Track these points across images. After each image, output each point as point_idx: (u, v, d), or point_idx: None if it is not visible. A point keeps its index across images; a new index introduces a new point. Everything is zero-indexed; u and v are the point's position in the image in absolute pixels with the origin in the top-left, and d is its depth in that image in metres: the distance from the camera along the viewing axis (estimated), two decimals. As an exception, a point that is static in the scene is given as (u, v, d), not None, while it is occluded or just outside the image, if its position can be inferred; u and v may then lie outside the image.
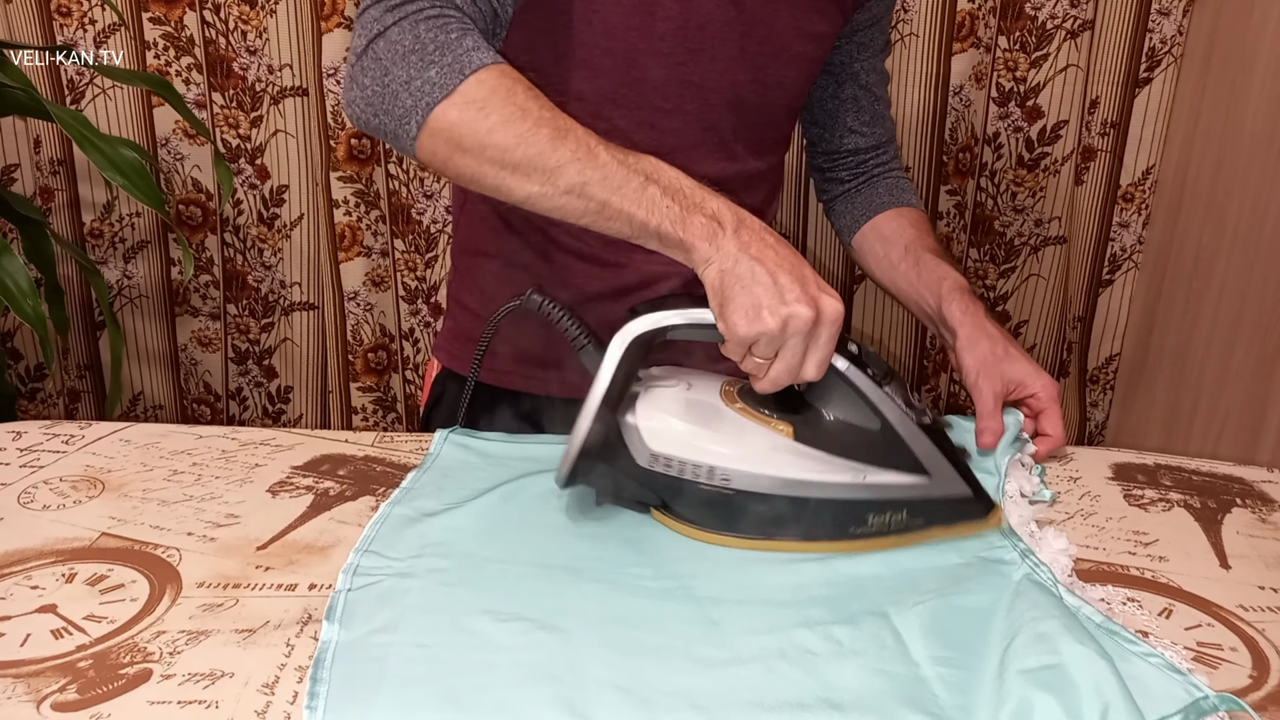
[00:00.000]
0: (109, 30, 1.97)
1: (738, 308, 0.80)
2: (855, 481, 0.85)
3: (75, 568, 0.79)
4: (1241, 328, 1.73)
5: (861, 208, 1.28)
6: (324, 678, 0.65)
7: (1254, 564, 0.85)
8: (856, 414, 0.86)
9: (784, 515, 0.85)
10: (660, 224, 0.83)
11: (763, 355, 0.82)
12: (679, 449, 0.85)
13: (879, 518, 0.85)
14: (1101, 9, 1.90)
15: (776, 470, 0.84)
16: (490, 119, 0.84)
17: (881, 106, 1.28)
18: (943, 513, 0.87)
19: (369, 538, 0.84)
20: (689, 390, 0.90)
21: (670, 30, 1.03)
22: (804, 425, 0.87)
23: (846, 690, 0.66)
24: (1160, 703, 0.65)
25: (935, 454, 0.86)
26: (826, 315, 0.80)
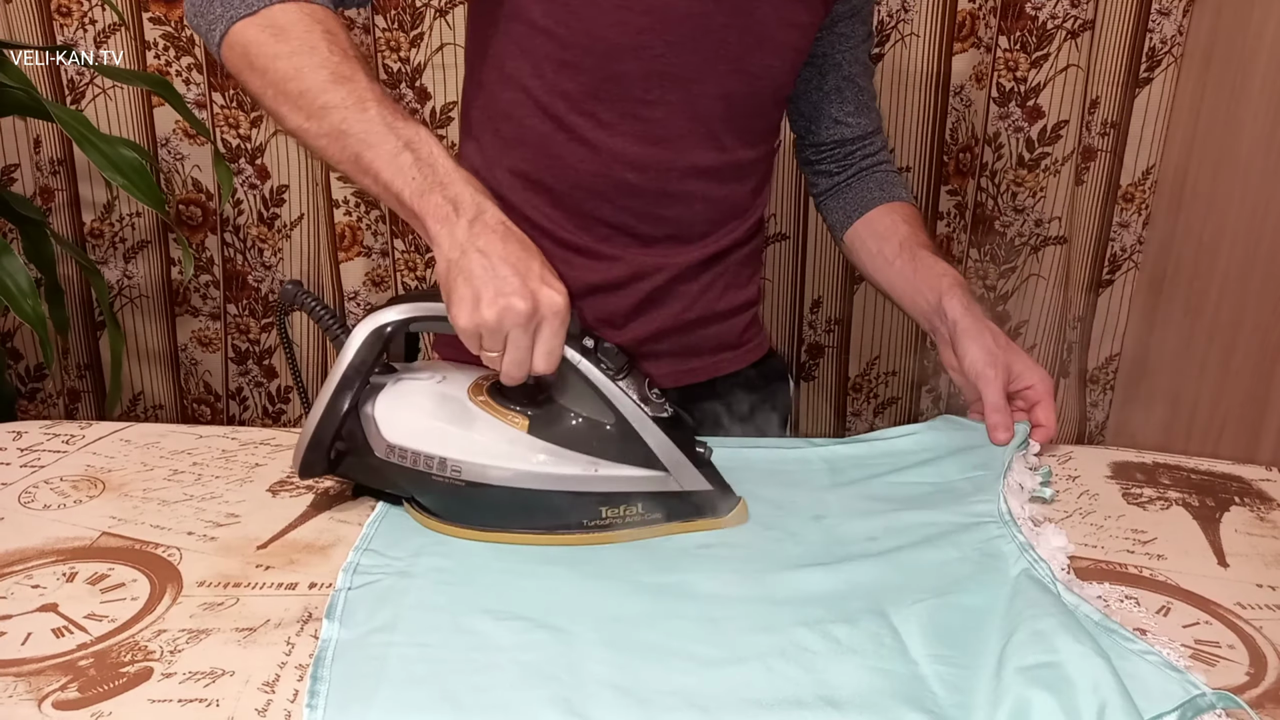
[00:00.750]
0: (109, 30, 1.97)
1: (459, 299, 0.80)
2: (586, 474, 0.85)
3: (76, 567, 0.79)
4: (1241, 328, 1.73)
5: (853, 203, 1.29)
6: (324, 676, 0.65)
7: (1252, 562, 0.85)
8: (592, 408, 0.86)
9: (515, 507, 0.85)
10: (401, 190, 0.84)
11: (490, 348, 0.81)
12: (412, 440, 0.86)
13: (612, 510, 0.86)
14: (1101, 9, 1.90)
15: (505, 462, 0.85)
16: (279, 46, 0.89)
17: (866, 97, 1.29)
18: (682, 507, 0.87)
19: (368, 536, 0.84)
20: (440, 383, 0.91)
21: (647, 25, 1.04)
22: (540, 419, 0.87)
23: (845, 688, 0.66)
24: (1158, 700, 0.65)
25: (671, 448, 0.86)
26: (545, 307, 0.80)
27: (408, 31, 1.91)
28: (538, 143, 1.09)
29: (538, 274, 0.81)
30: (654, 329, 1.17)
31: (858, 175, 1.30)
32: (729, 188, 1.18)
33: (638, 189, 1.11)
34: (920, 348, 2.14)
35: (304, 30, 0.89)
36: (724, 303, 1.22)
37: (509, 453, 0.85)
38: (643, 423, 0.85)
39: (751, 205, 1.23)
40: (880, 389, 2.18)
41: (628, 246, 1.14)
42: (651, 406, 0.86)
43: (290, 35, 0.89)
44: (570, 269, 1.13)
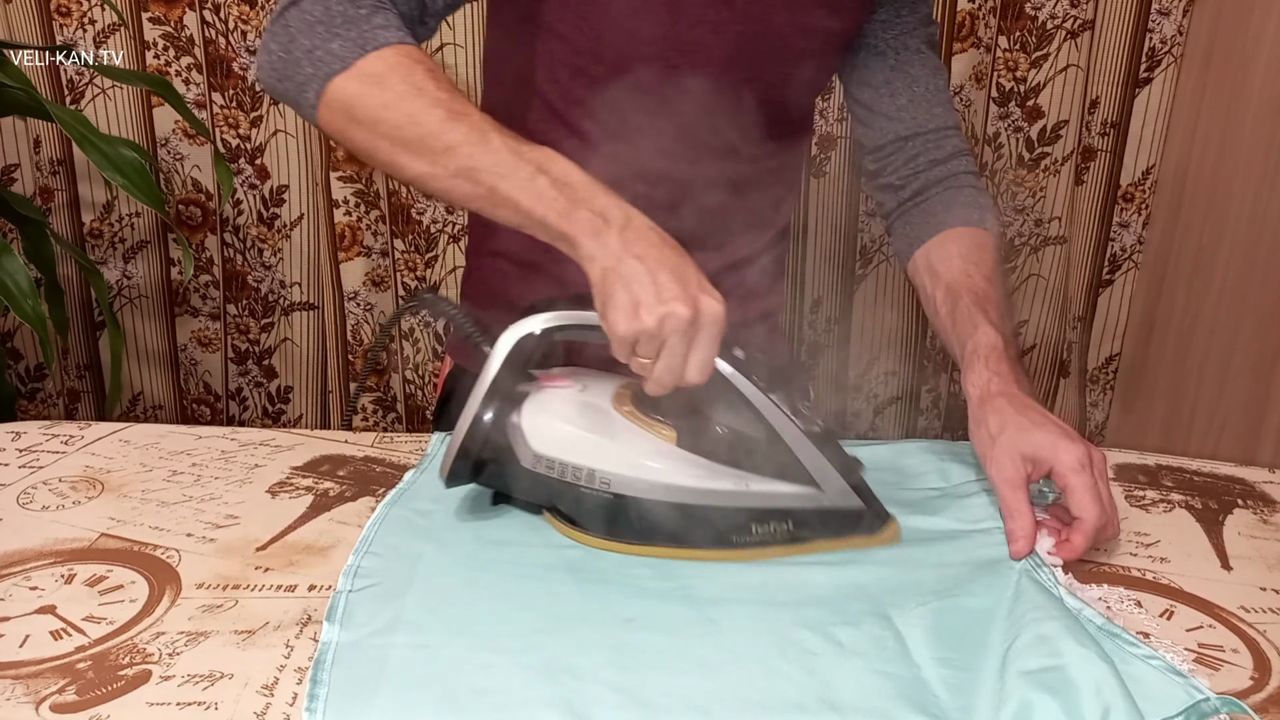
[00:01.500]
0: (109, 30, 1.97)
1: (617, 306, 0.78)
2: (738, 489, 0.83)
3: (74, 568, 0.79)
4: (1241, 328, 1.73)
5: (917, 228, 1.14)
6: (324, 679, 0.65)
7: (1255, 565, 0.85)
8: (742, 421, 0.84)
9: (664, 521, 0.83)
10: (546, 215, 0.82)
11: (645, 355, 0.79)
12: (560, 450, 0.85)
13: (763, 527, 0.84)
14: (1101, 9, 1.89)
15: (655, 475, 0.83)
16: (385, 95, 0.86)
17: (922, 89, 1.14)
18: (832, 525, 0.85)
19: (368, 539, 0.84)
20: (582, 392, 0.89)
21: (659, 34, 1.02)
22: (689, 431, 0.85)
23: (846, 691, 0.66)
24: (1161, 705, 0.64)
25: (824, 464, 0.83)
26: (705, 315, 0.78)
27: (407, 31, 1.91)
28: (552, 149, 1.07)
29: (695, 280, 0.80)
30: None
31: (926, 192, 1.15)
32: (749, 198, 1.14)
33: (653, 198, 1.08)
34: (920, 348, 2.14)
35: (404, 74, 0.86)
36: (744, 312, 1.18)
37: (658, 465, 0.84)
38: (795, 437, 0.83)
39: (774, 214, 1.20)
40: (880, 389, 2.18)
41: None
42: (803, 420, 0.83)
43: (391, 82, 0.86)
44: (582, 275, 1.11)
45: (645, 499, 0.83)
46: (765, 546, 0.84)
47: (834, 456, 0.84)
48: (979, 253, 1.08)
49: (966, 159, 1.16)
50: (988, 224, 1.11)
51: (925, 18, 1.15)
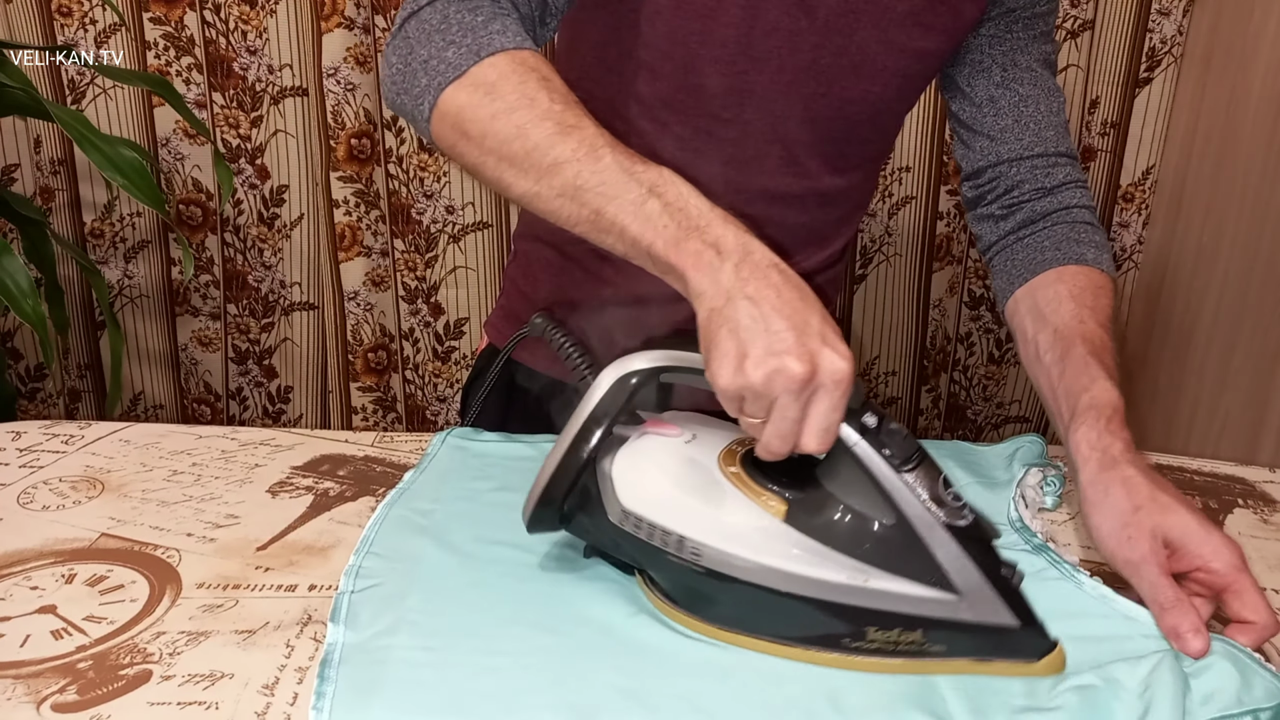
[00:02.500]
0: (109, 30, 1.97)
1: (723, 354, 0.68)
2: (853, 584, 0.69)
3: (75, 568, 0.79)
4: (1241, 328, 1.73)
5: (1019, 265, 1.04)
6: (331, 677, 0.65)
7: (1256, 565, 0.85)
8: (869, 503, 0.70)
9: (760, 608, 0.71)
10: (653, 243, 0.72)
11: (753, 414, 0.69)
12: (649, 510, 0.73)
13: (883, 634, 0.69)
14: (1101, 9, 1.90)
15: (755, 554, 0.70)
16: (495, 105, 0.78)
17: (1032, 109, 1.04)
18: (974, 643, 0.69)
19: (369, 539, 0.83)
20: (689, 443, 0.78)
21: (732, 37, 0.96)
22: (802, 505, 0.73)
23: (853, 694, 0.66)
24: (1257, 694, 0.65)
25: (967, 565, 0.68)
26: (825, 374, 0.66)
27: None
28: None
29: (817, 330, 0.68)
30: None
31: (1031, 225, 1.05)
32: (809, 215, 1.08)
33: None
34: (920, 348, 2.14)
35: (518, 81, 0.79)
36: None
37: (759, 543, 0.71)
38: (931, 529, 0.68)
39: (834, 235, 1.13)
40: (880, 389, 2.18)
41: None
42: (946, 511, 0.68)
43: (503, 90, 0.78)
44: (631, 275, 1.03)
45: (741, 580, 0.70)
46: (887, 657, 0.69)
47: (981, 558, 0.68)
48: (1094, 296, 0.97)
49: (1081, 191, 1.05)
50: (1104, 265, 1.01)
51: (1042, 35, 1.06)
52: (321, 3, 1.88)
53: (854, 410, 0.68)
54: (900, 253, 2.07)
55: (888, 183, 2.01)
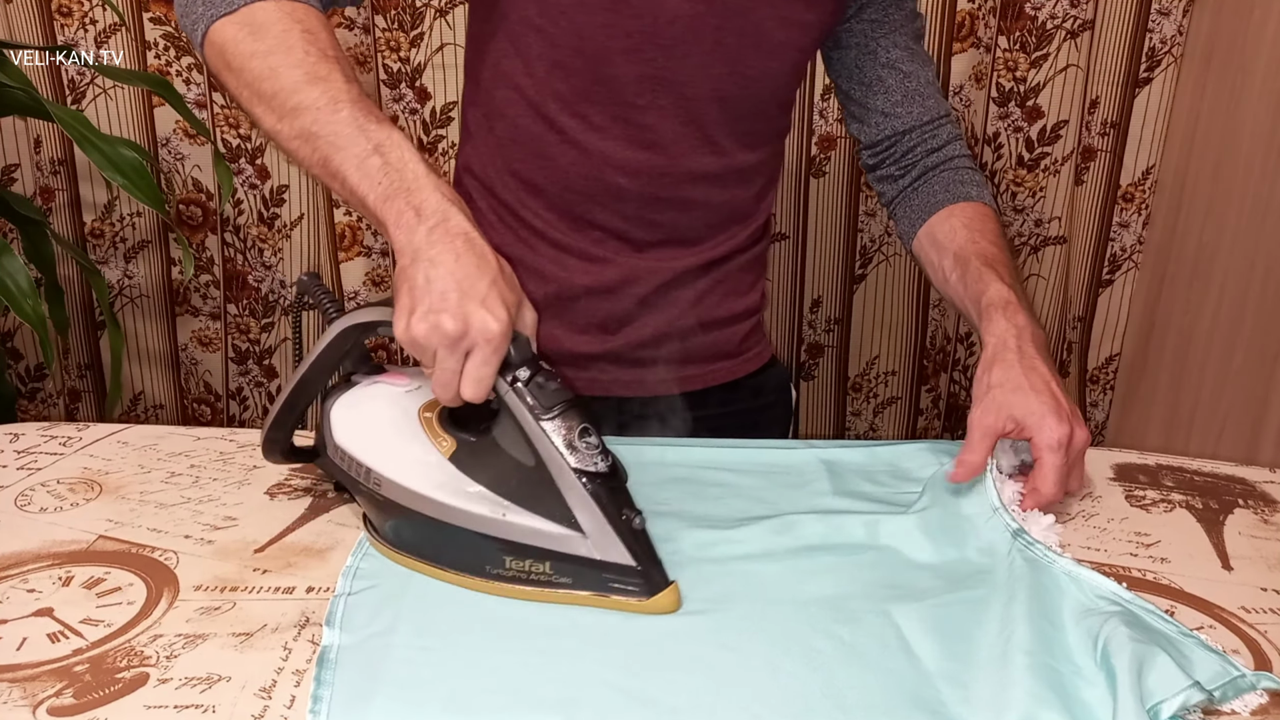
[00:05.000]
0: (109, 30, 1.97)
1: (400, 308, 0.76)
2: (492, 516, 0.76)
3: (72, 571, 0.78)
4: (1241, 328, 1.73)
5: (918, 212, 1.18)
6: (328, 680, 0.65)
7: (1256, 565, 0.85)
8: (517, 447, 0.78)
9: (424, 535, 0.79)
10: (367, 195, 0.80)
11: (424, 365, 0.77)
12: (351, 444, 0.85)
13: (518, 564, 0.76)
14: (1101, 9, 1.89)
15: (418, 485, 0.79)
16: (256, 45, 0.86)
17: (915, 84, 1.17)
18: (597, 578, 0.75)
19: (366, 539, 0.83)
20: (408, 393, 0.88)
21: (639, 28, 1.02)
22: (467, 448, 0.81)
23: (851, 689, 0.66)
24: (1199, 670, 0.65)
25: (590, 507, 0.74)
26: (477, 332, 0.74)
27: (408, 31, 1.91)
28: (530, 144, 1.09)
29: (481, 295, 0.75)
30: (648, 334, 1.16)
31: (923, 177, 1.19)
32: (730, 192, 1.16)
33: (630, 193, 1.10)
34: (920, 348, 2.14)
35: (282, 29, 0.86)
36: (723, 309, 1.20)
37: (423, 476, 0.80)
38: (561, 471, 0.75)
39: (755, 210, 1.21)
40: (880, 389, 2.18)
41: (620, 250, 1.13)
42: (578, 457, 0.75)
43: (267, 33, 0.86)
44: (564, 270, 1.13)
45: (408, 508, 0.80)
46: (518, 585, 0.76)
47: (607, 501, 0.75)
48: (982, 222, 1.12)
49: (960, 144, 1.19)
50: (985, 199, 1.15)
51: (911, 13, 1.17)
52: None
53: (513, 364, 0.76)
54: (900, 253, 2.07)
55: (888, 183, 2.01)
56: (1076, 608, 0.74)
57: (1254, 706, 0.65)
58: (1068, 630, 0.71)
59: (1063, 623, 0.72)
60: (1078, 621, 0.71)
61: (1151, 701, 0.62)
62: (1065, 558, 0.81)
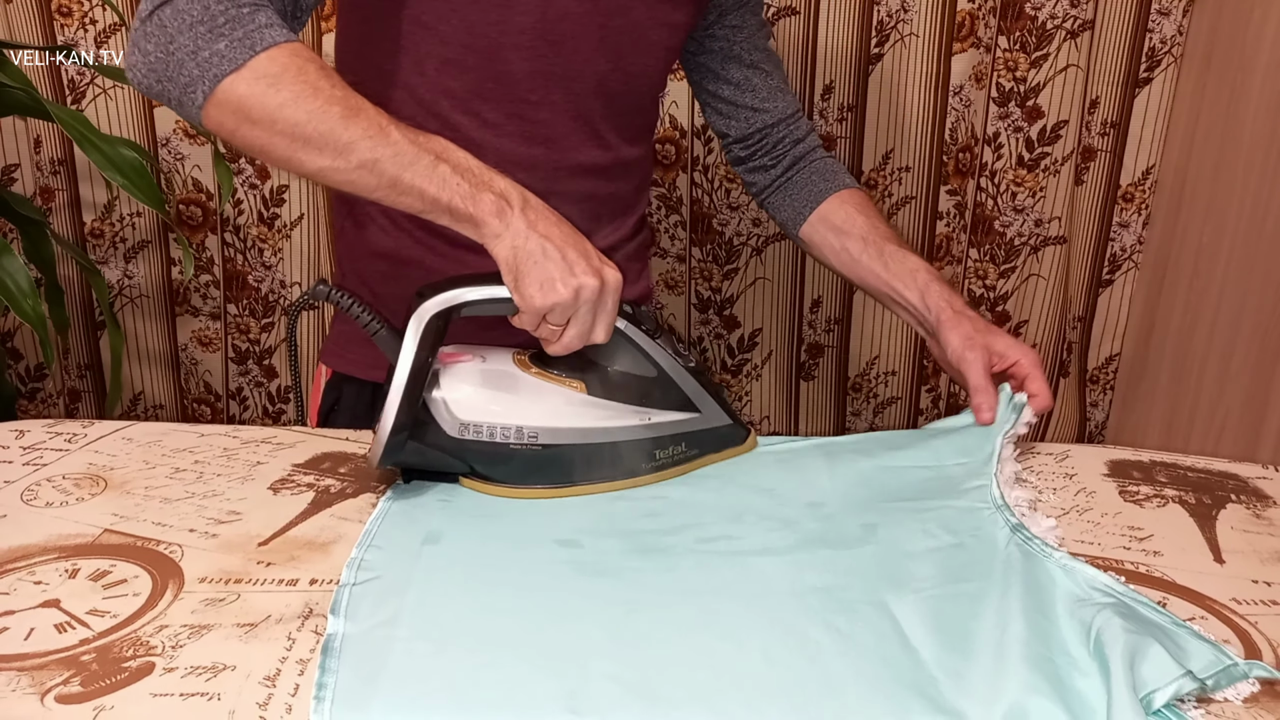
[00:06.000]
0: (110, 30, 1.97)
1: (532, 281, 0.87)
2: (642, 423, 0.96)
3: (78, 563, 0.79)
4: (1241, 328, 1.74)
5: (802, 199, 1.31)
6: (332, 668, 0.65)
7: (1248, 559, 0.86)
8: (635, 364, 0.97)
9: (587, 461, 0.95)
10: (451, 199, 0.88)
11: (556, 323, 0.89)
12: (488, 415, 0.93)
13: (664, 452, 0.98)
14: (1101, 9, 1.90)
15: (576, 422, 0.94)
16: (281, 94, 0.87)
17: (776, 81, 1.31)
18: (712, 441, 1.01)
19: (371, 532, 0.84)
20: (484, 363, 0.96)
21: (530, 24, 1.06)
22: (593, 381, 0.96)
23: (848, 678, 0.67)
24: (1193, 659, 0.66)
25: (701, 392, 0.99)
26: (610, 284, 0.89)
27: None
28: None
29: (595, 254, 0.90)
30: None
31: (795, 167, 1.33)
32: (615, 185, 1.21)
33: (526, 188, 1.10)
34: (920, 347, 2.14)
35: (296, 73, 0.88)
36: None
37: (576, 413, 0.94)
38: (678, 373, 0.97)
39: (636, 202, 1.28)
40: (880, 389, 2.18)
41: None
42: (682, 360, 0.98)
43: (284, 81, 0.87)
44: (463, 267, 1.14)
45: (572, 444, 0.94)
46: (667, 469, 0.98)
47: (707, 384, 1.00)
48: (872, 208, 1.28)
49: (814, 134, 1.35)
50: (857, 185, 1.33)
51: (763, 20, 1.30)
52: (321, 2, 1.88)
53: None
54: (900, 252, 2.07)
55: (888, 183, 2.01)
56: (1070, 599, 0.74)
57: (1246, 695, 0.65)
58: (1061, 621, 0.72)
59: (1057, 614, 0.73)
60: (1072, 613, 0.72)
61: (1145, 690, 0.62)
62: (1061, 551, 0.81)
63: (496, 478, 0.94)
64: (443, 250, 1.16)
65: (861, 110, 1.97)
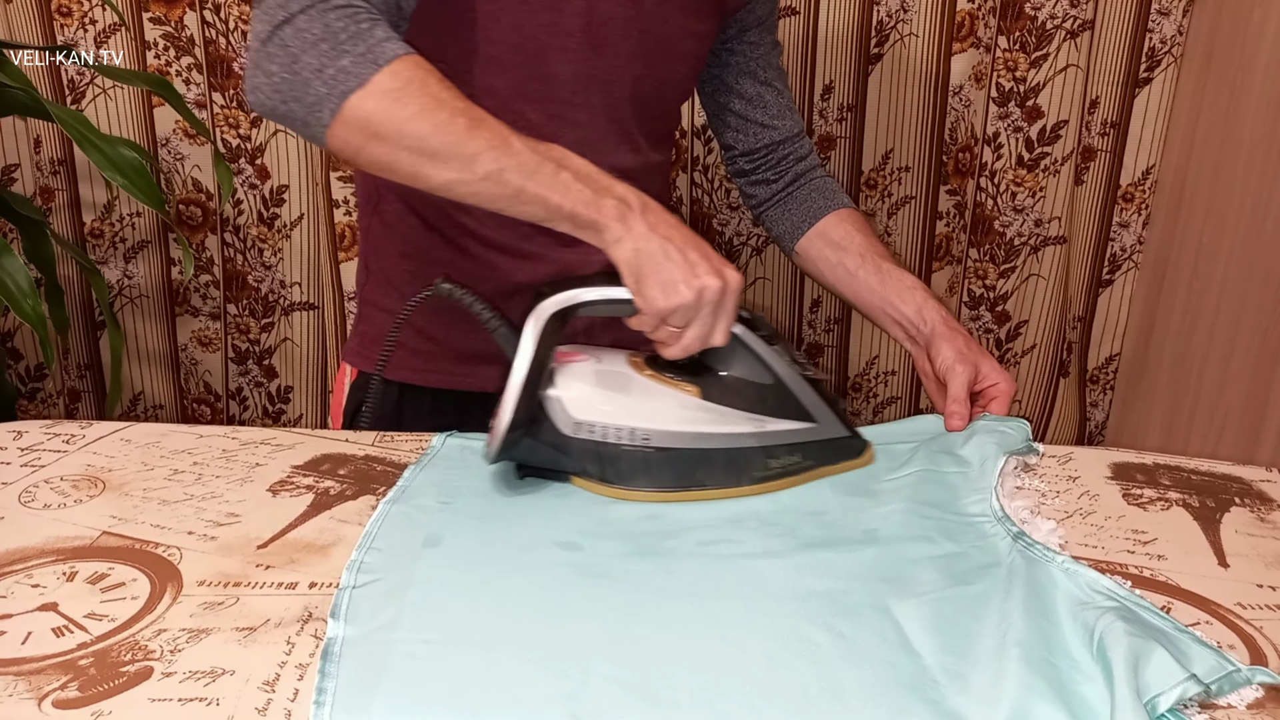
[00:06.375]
0: (109, 30, 1.97)
1: (654, 283, 0.88)
2: (755, 430, 0.95)
3: (76, 566, 0.79)
4: (1241, 328, 1.74)
5: (801, 214, 1.33)
6: (332, 672, 0.65)
7: (1252, 562, 0.86)
8: (751, 371, 0.96)
9: (698, 466, 0.94)
10: (574, 207, 0.89)
11: (677, 325, 0.89)
12: (602, 415, 0.93)
13: (777, 462, 0.96)
14: (1101, 9, 1.90)
15: (690, 426, 0.94)
16: (407, 109, 0.87)
17: (786, 100, 1.34)
18: (828, 453, 0.99)
19: (370, 534, 0.84)
20: (599, 363, 0.97)
21: (577, 26, 1.07)
22: (708, 385, 0.95)
23: (849, 681, 0.66)
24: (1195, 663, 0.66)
25: (819, 402, 0.98)
26: (732, 286, 0.89)
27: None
28: None
29: (716, 256, 0.90)
30: (580, 328, 1.19)
31: (796, 183, 1.35)
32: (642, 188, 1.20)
33: None
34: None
35: (420, 86, 0.88)
36: None
37: (690, 417, 0.94)
38: (796, 381, 0.96)
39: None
40: (880, 389, 2.18)
41: (549, 245, 1.15)
42: (800, 368, 0.97)
43: (409, 95, 0.87)
44: (496, 269, 1.15)
45: (684, 449, 0.93)
46: (779, 479, 0.96)
47: (825, 394, 0.99)
48: (869, 228, 1.31)
49: (815, 155, 1.38)
50: (854, 205, 1.35)
51: (777, 40, 1.32)
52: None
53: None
54: (900, 252, 2.08)
55: (888, 183, 2.01)
56: (1072, 602, 0.74)
57: (1250, 700, 0.65)
58: (1064, 625, 0.72)
59: (1059, 617, 0.73)
60: (1074, 616, 0.72)
61: (1148, 695, 0.62)
62: (1064, 555, 0.81)
63: (607, 478, 0.94)
64: (474, 251, 1.17)
65: (861, 110, 1.97)
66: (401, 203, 1.19)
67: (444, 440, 1.04)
